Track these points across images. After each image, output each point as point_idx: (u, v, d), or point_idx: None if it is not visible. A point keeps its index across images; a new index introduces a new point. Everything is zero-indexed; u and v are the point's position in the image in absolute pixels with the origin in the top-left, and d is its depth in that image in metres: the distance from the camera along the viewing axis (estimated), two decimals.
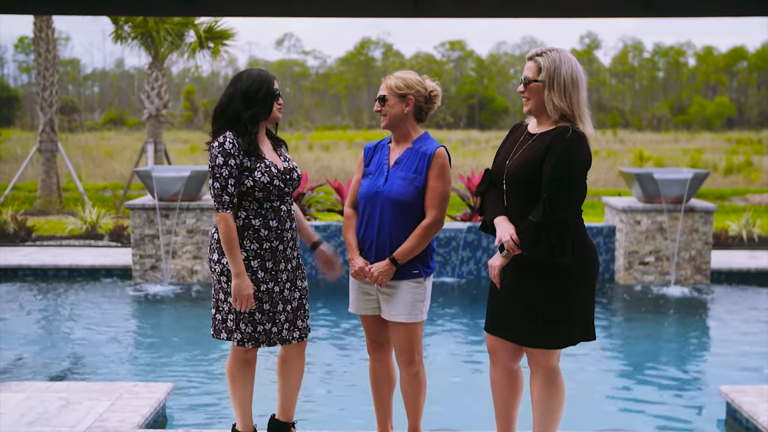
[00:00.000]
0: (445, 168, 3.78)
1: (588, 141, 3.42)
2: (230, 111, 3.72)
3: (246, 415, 4.00)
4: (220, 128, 3.76)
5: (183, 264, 9.53)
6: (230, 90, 3.76)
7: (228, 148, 3.65)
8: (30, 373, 6.22)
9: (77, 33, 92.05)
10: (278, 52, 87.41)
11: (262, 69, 3.84)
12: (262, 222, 3.74)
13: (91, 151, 28.34)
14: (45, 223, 13.59)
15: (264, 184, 3.69)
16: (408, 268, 3.79)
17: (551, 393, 3.61)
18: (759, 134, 42.60)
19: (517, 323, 3.54)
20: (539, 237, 3.35)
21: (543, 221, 3.34)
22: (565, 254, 3.37)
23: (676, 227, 9.51)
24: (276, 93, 3.79)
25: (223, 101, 3.76)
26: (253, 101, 3.72)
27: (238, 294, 3.66)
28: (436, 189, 3.77)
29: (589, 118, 3.45)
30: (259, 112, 3.74)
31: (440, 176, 3.77)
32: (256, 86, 3.73)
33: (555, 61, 3.39)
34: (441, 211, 3.79)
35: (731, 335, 7.56)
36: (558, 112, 3.42)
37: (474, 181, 10.50)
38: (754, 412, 4.70)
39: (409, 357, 3.88)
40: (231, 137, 3.67)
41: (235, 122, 3.72)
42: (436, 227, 3.78)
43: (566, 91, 3.39)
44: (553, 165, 3.34)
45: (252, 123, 3.73)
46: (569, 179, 3.35)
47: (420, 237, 3.75)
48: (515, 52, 73.86)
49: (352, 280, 3.96)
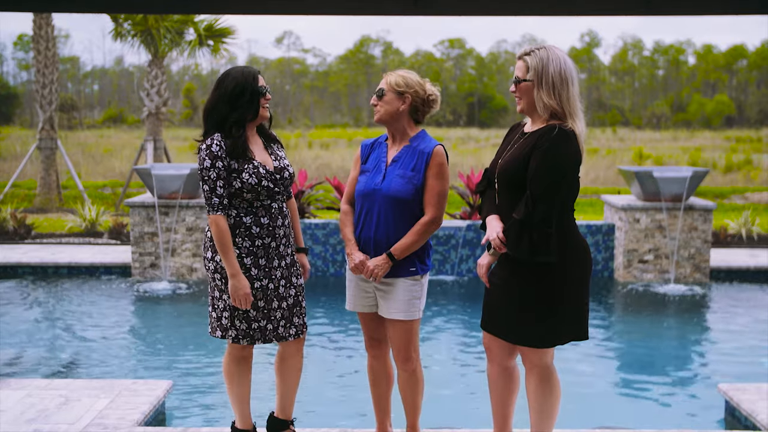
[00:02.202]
0: (443, 166, 3.79)
1: (578, 138, 3.40)
2: (216, 114, 3.71)
3: (244, 412, 4.00)
4: (208, 130, 3.75)
5: (182, 261, 9.53)
6: (215, 93, 3.74)
7: (215, 151, 3.65)
8: (29, 370, 6.22)
9: (77, 31, 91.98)
10: (278, 49, 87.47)
11: (246, 67, 3.80)
12: (254, 219, 3.75)
13: (90, 149, 28.33)
14: (44, 221, 13.59)
15: (252, 186, 3.70)
16: (405, 265, 3.80)
17: (546, 391, 3.61)
18: (758, 132, 42.60)
19: (508, 322, 3.54)
20: (522, 235, 3.36)
21: (525, 219, 3.35)
22: (549, 253, 3.37)
23: (675, 225, 9.52)
24: (262, 90, 3.76)
25: (210, 104, 3.75)
26: (238, 103, 3.71)
27: (235, 294, 3.67)
28: (435, 187, 3.78)
29: (582, 115, 3.45)
30: (244, 114, 3.73)
31: (439, 175, 3.78)
32: (240, 88, 3.71)
33: (542, 60, 3.40)
34: (439, 209, 3.80)
35: (730, 333, 7.57)
36: (548, 110, 3.42)
37: (473, 180, 10.50)
38: (753, 409, 4.70)
39: (406, 354, 3.88)
40: (218, 139, 3.67)
41: (222, 125, 3.71)
42: (434, 225, 3.79)
43: (555, 89, 3.39)
44: (537, 163, 3.36)
45: (238, 126, 3.72)
46: (552, 177, 3.35)
47: (418, 234, 3.75)
48: (515, 51, 72.98)
49: (349, 277, 3.97)
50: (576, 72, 3.45)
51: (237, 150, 3.69)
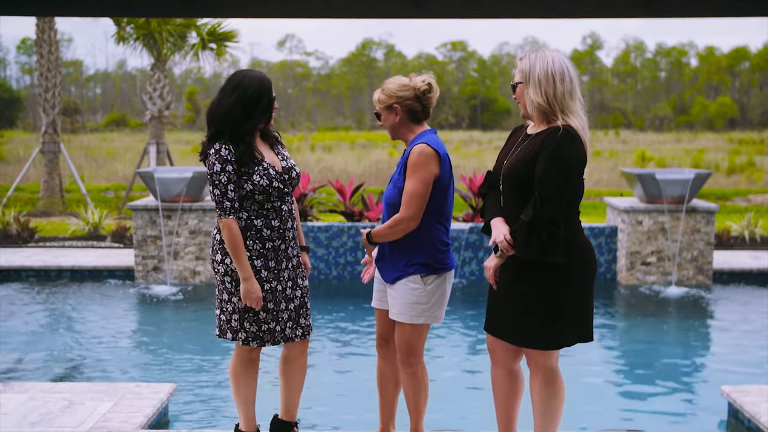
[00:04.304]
0: (415, 165, 3.68)
1: (581, 138, 3.41)
2: (231, 118, 3.68)
3: (249, 415, 4.01)
4: (219, 131, 3.70)
5: (185, 265, 9.54)
6: (231, 96, 3.69)
7: (224, 155, 3.64)
8: (33, 373, 6.23)
9: (80, 34, 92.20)
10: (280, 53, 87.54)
11: (260, 73, 3.79)
12: (264, 222, 3.76)
13: (93, 153, 28.37)
14: (48, 225, 13.61)
15: (263, 187, 3.70)
16: (399, 264, 3.80)
17: (551, 393, 3.62)
18: (761, 134, 42.56)
19: (513, 324, 3.55)
20: (531, 236, 3.37)
21: (534, 221, 3.36)
22: (557, 254, 3.38)
23: (677, 227, 9.51)
24: (274, 98, 3.79)
25: (223, 106, 3.69)
26: (254, 111, 3.71)
27: (248, 297, 3.69)
28: (406, 186, 3.71)
29: (580, 112, 3.45)
30: (259, 122, 3.75)
31: (411, 174, 3.69)
32: (257, 95, 3.70)
33: (531, 61, 3.47)
34: (409, 208, 3.69)
35: (733, 335, 7.56)
36: (537, 108, 3.44)
37: (476, 182, 10.51)
38: (756, 412, 4.70)
39: (405, 357, 3.88)
40: (227, 144, 3.67)
41: (236, 129, 3.69)
42: (403, 224, 3.71)
43: (540, 86, 3.41)
44: (544, 165, 3.37)
45: (251, 133, 3.73)
46: (559, 179, 3.37)
47: (388, 227, 3.75)
48: (517, 53, 73.66)
49: (376, 274, 4.02)
50: (570, 71, 3.44)
51: (247, 156, 3.68)
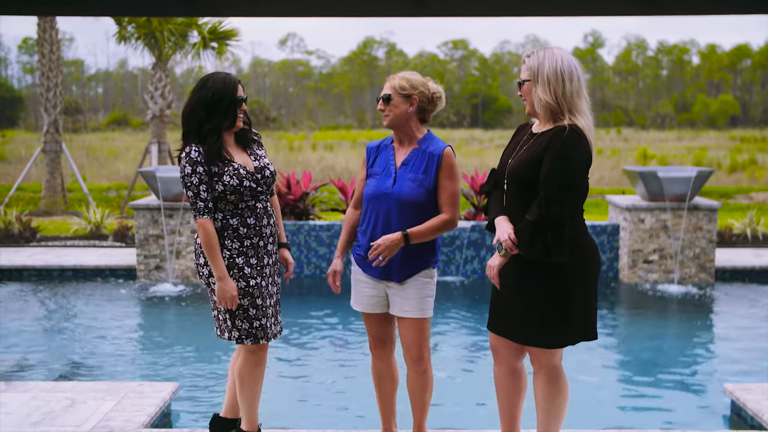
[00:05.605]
0: (454, 167, 3.84)
1: (588, 138, 3.41)
2: (194, 117, 3.74)
3: (252, 415, 4.01)
4: (187, 132, 3.77)
5: (187, 264, 9.55)
6: (194, 96, 3.76)
7: (194, 157, 3.69)
8: (35, 373, 6.24)
9: (81, 34, 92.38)
10: (281, 51, 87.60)
11: (227, 74, 3.82)
12: (240, 220, 3.79)
13: (95, 152, 28.39)
14: (49, 224, 13.62)
15: (234, 187, 3.74)
16: (423, 258, 3.83)
17: (554, 392, 3.61)
18: (763, 132, 42.56)
19: (517, 323, 3.54)
20: (536, 236, 3.37)
21: (539, 220, 3.35)
22: (562, 254, 3.37)
23: (679, 225, 9.51)
24: (239, 99, 3.78)
25: (188, 107, 3.77)
26: (215, 111, 3.73)
27: (222, 296, 3.73)
28: (448, 188, 3.81)
29: (587, 112, 3.45)
30: (220, 123, 3.76)
31: (451, 176, 3.82)
32: (218, 95, 3.72)
33: (539, 58, 3.45)
34: (456, 209, 3.84)
35: (735, 333, 7.55)
36: (545, 107, 3.43)
37: (478, 180, 10.50)
38: (759, 409, 4.70)
39: (418, 354, 3.89)
40: (195, 146, 3.72)
41: (198, 130, 3.74)
42: (450, 225, 3.82)
43: (549, 84, 3.40)
44: (550, 164, 3.36)
45: (212, 133, 3.75)
46: (565, 178, 3.36)
47: (434, 228, 3.78)
48: (518, 51, 73.83)
49: (355, 276, 4.00)
50: (578, 70, 3.44)
51: (212, 156, 3.72)
